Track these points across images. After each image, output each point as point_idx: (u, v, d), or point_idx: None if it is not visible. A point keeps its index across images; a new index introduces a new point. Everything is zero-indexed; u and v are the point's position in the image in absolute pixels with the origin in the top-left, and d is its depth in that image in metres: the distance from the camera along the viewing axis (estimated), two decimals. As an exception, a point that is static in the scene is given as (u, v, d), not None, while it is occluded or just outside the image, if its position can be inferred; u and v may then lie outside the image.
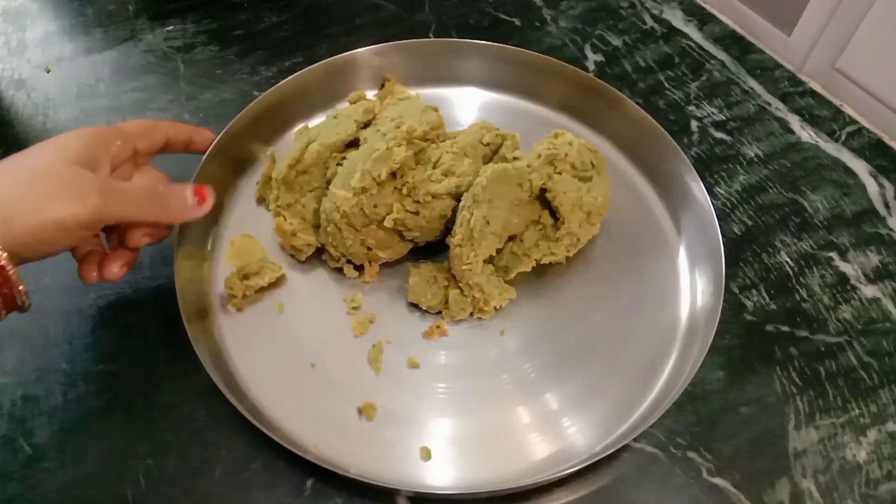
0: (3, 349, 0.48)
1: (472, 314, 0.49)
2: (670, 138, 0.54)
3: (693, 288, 0.50)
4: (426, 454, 0.44)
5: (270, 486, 0.42)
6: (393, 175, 0.47)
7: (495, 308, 0.49)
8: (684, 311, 0.50)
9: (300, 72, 0.58)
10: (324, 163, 0.51)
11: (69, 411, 0.45)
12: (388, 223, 0.47)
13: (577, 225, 0.48)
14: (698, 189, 0.52)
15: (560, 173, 0.48)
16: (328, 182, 0.51)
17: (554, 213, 0.49)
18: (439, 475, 0.43)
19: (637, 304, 0.50)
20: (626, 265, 0.52)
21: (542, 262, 0.49)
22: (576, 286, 0.51)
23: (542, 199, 0.49)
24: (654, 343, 0.48)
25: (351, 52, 0.59)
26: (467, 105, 0.62)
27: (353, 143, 0.52)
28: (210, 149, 0.51)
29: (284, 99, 0.57)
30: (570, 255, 0.50)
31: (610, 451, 0.41)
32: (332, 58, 0.59)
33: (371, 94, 0.61)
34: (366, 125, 0.53)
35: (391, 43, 0.60)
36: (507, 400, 0.46)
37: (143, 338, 0.48)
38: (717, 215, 0.49)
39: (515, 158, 0.51)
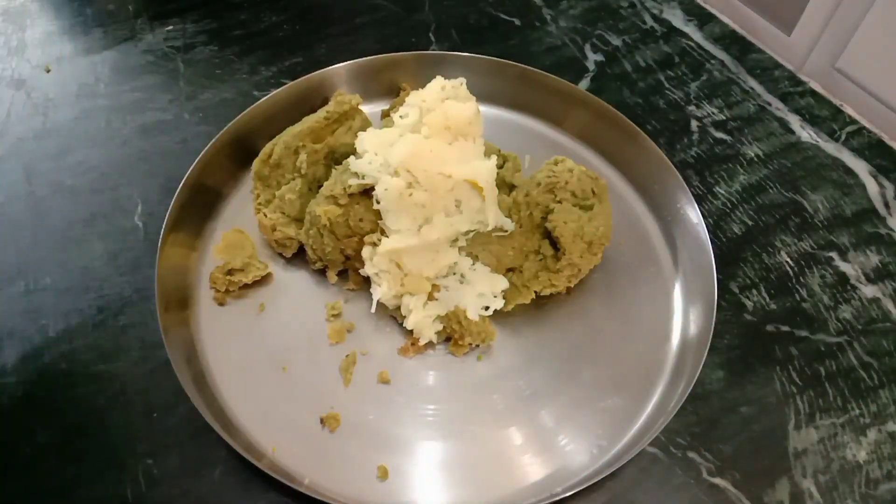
0: (3, 349, 0.48)
1: (447, 340, 0.48)
2: (667, 159, 0.53)
3: (686, 312, 0.49)
4: (383, 473, 0.42)
5: (270, 486, 0.42)
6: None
7: (470, 345, 0.47)
8: (676, 329, 0.48)
9: (299, 79, 0.57)
10: (293, 152, 0.51)
11: (69, 411, 0.45)
12: (367, 241, 0.47)
13: (578, 255, 0.47)
14: (692, 210, 0.51)
15: (560, 202, 0.47)
16: (299, 171, 0.51)
17: (554, 243, 0.48)
18: (426, 499, 0.42)
19: (629, 323, 0.49)
20: (617, 281, 0.51)
21: (542, 294, 0.48)
22: (566, 303, 0.50)
23: (543, 228, 0.48)
24: (647, 360, 0.47)
25: (357, 60, 0.59)
26: None
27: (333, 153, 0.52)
28: (214, 140, 0.52)
29: (285, 99, 0.57)
30: (571, 285, 0.49)
31: (608, 472, 0.41)
32: (328, 67, 0.58)
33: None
34: (338, 118, 0.53)
35: (388, 55, 0.60)
36: (489, 421, 0.45)
37: (143, 338, 0.48)
38: (716, 217, 0.49)
39: (514, 186, 0.50)
